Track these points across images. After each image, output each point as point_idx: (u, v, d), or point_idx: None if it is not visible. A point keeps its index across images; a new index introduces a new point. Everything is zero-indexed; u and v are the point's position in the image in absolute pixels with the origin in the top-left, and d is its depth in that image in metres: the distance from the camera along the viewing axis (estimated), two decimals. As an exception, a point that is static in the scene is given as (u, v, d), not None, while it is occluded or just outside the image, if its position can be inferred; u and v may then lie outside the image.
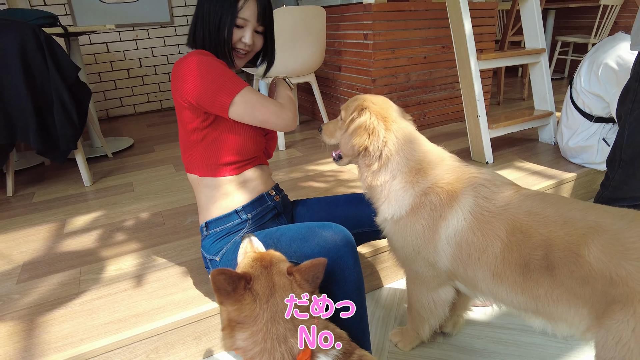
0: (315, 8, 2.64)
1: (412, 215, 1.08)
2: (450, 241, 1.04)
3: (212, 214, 1.21)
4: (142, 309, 1.30)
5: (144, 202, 2.09)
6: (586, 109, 2.11)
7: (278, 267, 0.81)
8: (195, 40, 1.16)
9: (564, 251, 0.86)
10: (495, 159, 2.40)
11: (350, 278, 1.03)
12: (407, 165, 1.09)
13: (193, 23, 1.16)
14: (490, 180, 1.04)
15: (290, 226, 1.12)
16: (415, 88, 2.98)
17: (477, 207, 1.00)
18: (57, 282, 1.47)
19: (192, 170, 1.23)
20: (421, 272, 1.14)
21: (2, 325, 1.26)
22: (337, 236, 1.03)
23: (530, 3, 2.47)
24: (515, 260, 0.93)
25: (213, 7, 1.10)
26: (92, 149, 2.98)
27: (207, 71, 1.07)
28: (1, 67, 2.00)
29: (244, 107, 1.09)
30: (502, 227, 0.95)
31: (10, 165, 2.27)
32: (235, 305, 0.76)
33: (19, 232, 1.85)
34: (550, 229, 0.89)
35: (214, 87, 1.06)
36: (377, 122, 1.09)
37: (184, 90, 1.09)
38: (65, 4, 3.74)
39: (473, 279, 1.03)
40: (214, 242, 1.20)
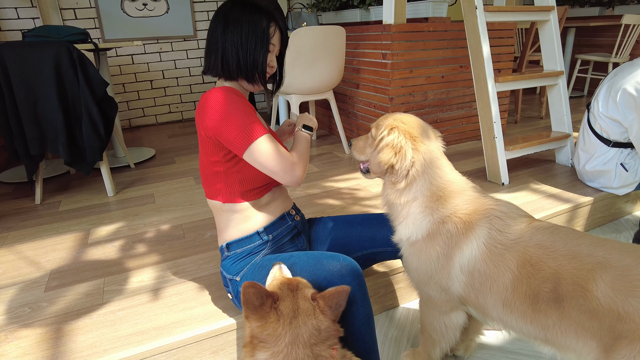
0: (335, 28, 2.71)
1: (428, 241, 1.11)
2: (463, 269, 1.07)
3: (233, 236, 1.25)
4: (162, 322, 1.35)
5: (165, 214, 2.16)
6: (604, 133, 2.11)
7: (304, 292, 0.84)
8: (226, 69, 1.18)
9: (571, 285, 0.89)
10: (511, 180, 2.40)
11: (359, 312, 1.04)
12: (429, 189, 1.12)
13: (219, 54, 1.17)
14: (505, 213, 1.07)
15: (301, 254, 1.15)
16: (432, 107, 3.01)
17: (491, 239, 1.03)
18: (82, 292, 1.53)
19: (213, 197, 1.26)
20: (434, 295, 1.17)
21: (30, 332, 1.33)
22: (344, 269, 1.05)
23: (549, 25, 2.49)
24: (525, 292, 0.96)
25: (244, 37, 1.14)
26: (115, 158, 3.08)
27: (231, 111, 1.11)
28: (37, 83, 2.11)
29: (257, 155, 1.12)
30: (513, 259, 0.99)
31: (40, 175, 2.37)
32: (260, 321, 0.80)
33: (47, 240, 1.93)
34: (559, 262, 0.92)
35: (235, 128, 1.10)
36: (405, 141, 1.11)
37: (207, 124, 1.13)
38: (95, 18, 3.89)
39: (484, 306, 1.06)
40: (234, 263, 1.24)
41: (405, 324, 1.57)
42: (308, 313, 0.81)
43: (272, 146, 1.13)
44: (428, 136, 1.17)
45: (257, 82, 1.21)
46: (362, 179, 2.52)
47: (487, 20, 2.25)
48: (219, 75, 1.22)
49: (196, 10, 4.27)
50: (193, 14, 4.25)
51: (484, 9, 2.23)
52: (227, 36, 1.15)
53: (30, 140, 2.19)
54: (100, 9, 3.88)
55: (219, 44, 1.17)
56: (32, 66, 2.10)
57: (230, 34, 1.15)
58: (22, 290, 1.56)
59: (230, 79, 1.21)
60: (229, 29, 1.14)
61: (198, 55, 4.40)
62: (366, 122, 3.13)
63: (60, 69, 2.13)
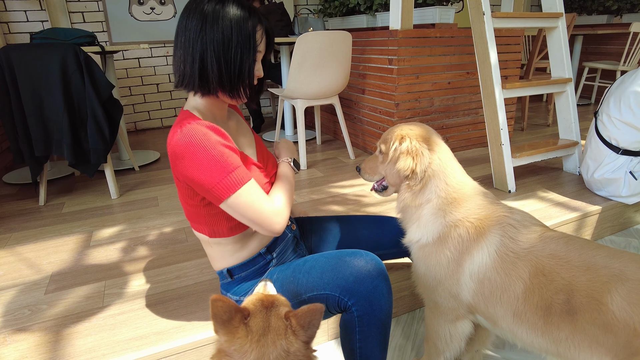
0: (341, 33, 2.70)
1: (439, 245, 1.09)
2: (473, 277, 1.05)
3: (232, 262, 1.16)
4: (163, 327, 1.33)
5: (168, 217, 2.15)
6: (612, 141, 2.08)
7: (278, 310, 0.81)
8: (204, 84, 0.99)
9: (585, 297, 0.86)
10: (518, 187, 2.37)
11: (386, 306, 1.03)
12: (445, 190, 1.11)
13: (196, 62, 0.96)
14: (519, 221, 1.05)
15: (317, 257, 1.10)
16: (439, 113, 2.99)
17: (503, 246, 1.01)
18: (83, 295, 1.52)
19: (199, 230, 1.14)
20: (440, 302, 1.15)
21: (29, 335, 1.31)
22: (370, 265, 1.02)
23: (557, 32, 2.47)
24: (537, 303, 0.93)
25: (229, 45, 0.96)
26: (119, 161, 3.08)
27: (203, 158, 0.94)
28: (44, 85, 2.11)
29: (236, 208, 0.99)
30: (525, 268, 0.96)
31: (44, 176, 2.37)
32: (227, 336, 0.77)
33: (49, 242, 1.92)
34: (573, 273, 0.89)
35: (211, 180, 0.95)
36: (420, 144, 1.11)
37: (180, 170, 0.99)
38: (103, 22, 3.91)
39: (493, 315, 1.04)
40: (239, 285, 1.19)
41: (409, 332, 1.54)
42: (278, 332, 0.77)
43: (253, 195, 0.99)
44: (437, 139, 1.17)
45: (241, 97, 1.03)
46: (366, 185, 2.50)
47: (495, 26, 2.23)
48: (194, 91, 1.02)
49: (203, 14, 4.28)
50: (200, 18, 4.27)
51: (491, 15, 2.21)
52: (205, 37, 0.94)
53: (35, 141, 2.20)
54: (108, 13, 3.91)
55: (195, 49, 0.95)
56: (39, 68, 2.11)
57: (209, 37, 0.94)
58: (22, 292, 1.55)
59: (207, 94, 1.02)
60: (207, 26, 0.94)
61: (204, 60, 4.41)
62: (371, 128, 3.11)
63: (67, 71, 2.13)
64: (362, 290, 1.00)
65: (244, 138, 1.20)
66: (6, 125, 2.20)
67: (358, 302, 1.01)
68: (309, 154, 3.24)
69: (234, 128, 1.19)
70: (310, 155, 3.19)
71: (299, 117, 2.82)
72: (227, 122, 1.17)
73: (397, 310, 1.63)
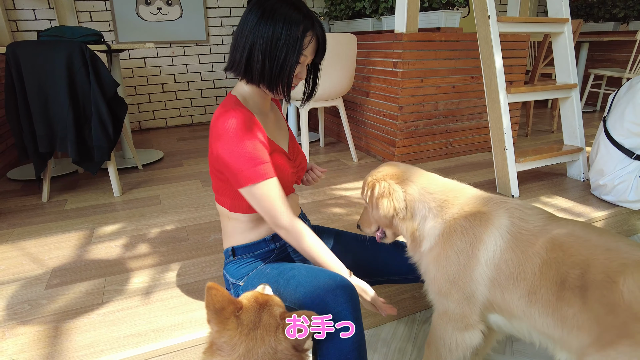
0: (346, 36, 2.70)
1: (445, 243, 1.09)
2: (489, 263, 1.03)
3: (239, 241, 1.22)
4: (162, 324, 1.32)
5: (170, 215, 2.15)
6: (626, 145, 2.06)
7: (271, 308, 0.81)
8: (249, 72, 1.07)
9: (600, 274, 0.87)
10: (522, 192, 2.36)
11: (348, 337, 0.95)
12: (432, 199, 1.12)
13: (245, 51, 1.04)
14: (521, 205, 1.07)
15: (302, 268, 1.11)
16: (443, 117, 2.98)
17: (514, 226, 1.02)
18: (83, 291, 1.52)
19: (221, 203, 1.22)
20: (452, 308, 1.12)
21: (29, 329, 1.31)
22: (339, 289, 0.99)
23: (563, 37, 2.46)
24: (552, 277, 0.94)
25: (277, 43, 1.01)
26: (123, 159, 3.09)
27: (236, 146, 1.03)
28: (49, 81, 2.12)
29: (254, 196, 1.07)
30: (542, 244, 0.97)
31: (48, 173, 2.38)
32: (219, 326, 0.77)
33: (51, 238, 1.93)
34: (592, 251, 0.91)
35: (238, 166, 1.04)
36: (388, 183, 1.16)
37: (214, 148, 1.07)
38: (110, 21, 3.94)
39: (509, 303, 1.02)
40: (239, 267, 1.21)
41: (409, 335, 1.53)
42: (269, 329, 0.78)
43: (271, 192, 1.06)
44: (403, 168, 1.21)
45: (279, 93, 1.10)
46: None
47: (500, 30, 2.23)
48: (240, 77, 1.11)
49: (209, 15, 4.31)
50: (206, 19, 4.29)
51: (497, 19, 2.21)
52: (258, 31, 1.01)
53: (39, 138, 2.21)
54: (116, 12, 3.93)
55: (248, 40, 1.03)
56: (45, 65, 2.12)
57: (261, 31, 1.01)
58: (23, 287, 1.55)
59: (250, 82, 1.10)
60: (262, 25, 1.01)
61: (209, 61, 4.43)
62: (375, 131, 3.11)
63: (72, 68, 2.15)
64: (322, 313, 0.96)
65: (280, 131, 1.26)
66: (11, 121, 2.21)
67: None
68: (312, 155, 3.24)
69: (273, 120, 1.24)
70: (314, 157, 3.19)
71: (303, 119, 2.82)
72: (268, 113, 1.23)
73: (399, 314, 1.62)
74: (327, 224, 2.01)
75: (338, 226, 2.00)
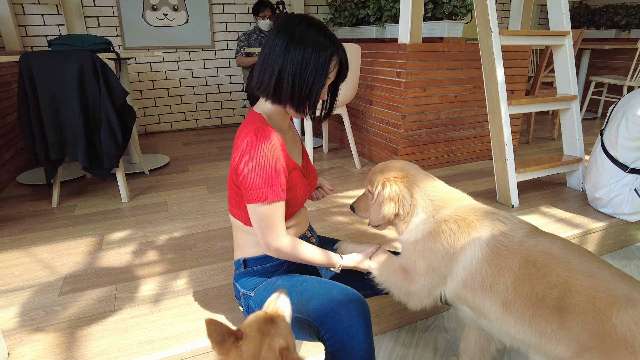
0: (351, 46, 2.75)
1: (432, 241, 1.16)
2: (466, 268, 1.11)
3: (251, 254, 1.26)
4: (172, 332, 1.37)
5: (177, 222, 2.20)
6: (620, 159, 2.10)
7: (273, 340, 0.83)
8: (277, 94, 1.11)
9: (584, 302, 0.91)
10: (521, 202, 2.40)
11: (359, 347, 1.02)
12: (432, 204, 1.20)
13: (274, 74, 1.08)
14: (507, 218, 1.13)
15: (314, 281, 1.16)
16: (445, 125, 3.03)
17: (494, 239, 1.08)
18: (95, 298, 1.57)
19: (236, 216, 1.25)
20: (416, 290, 1.19)
21: (45, 335, 1.36)
22: (352, 303, 1.06)
23: (564, 50, 2.51)
24: (527, 293, 0.99)
25: (306, 67, 1.06)
26: (130, 164, 3.15)
27: (260, 164, 1.08)
28: (61, 90, 2.18)
29: (256, 213, 1.11)
30: (515, 260, 1.03)
31: (58, 179, 2.43)
32: (221, 356, 0.81)
33: (62, 244, 1.98)
34: (571, 274, 0.95)
35: (255, 183, 1.08)
36: (400, 188, 1.22)
37: (237, 161, 1.12)
38: (117, 26, 4.00)
39: (481, 306, 1.09)
40: (250, 278, 1.26)
41: (410, 343, 1.58)
42: None
43: (274, 215, 1.11)
44: (415, 172, 1.26)
45: (305, 113, 1.14)
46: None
47: (502, 43, 2.28)
48: (265, 97, 1.15)
49: (215, 21, 4.36)
50: (212, 25, 4.34)
51: (499, 33, 2.26)
52: (287, 55, 1.06)
53: (51, 145, 2.26)
54: (123, 18, 3.99)
55: (276, 64, 1.07)
56: (57, 74, 2.17)
57: (291, 55, 1.06)
58: (37, 293, 1.60)
59: (277, 103, 1.14)
60: (291, 50, 1.05)
61: (215, 65, 4.48)
62: (378, 138, 3.16)
63: (84, 78, 2.20)
64: (336, 326, 1.03)
65: (296, 148, 1.33)
66: (23, 128, 2.26)
67: (332, 337, 1.03)
68: (315, 162, 3.29)
69: (290, 137, 1.30)
70: (317, 164, 3.24)
71: (307, 125, 2.87)
72: (287, 130, 1.28)
73: (399, 322, 1.67)
74: (331, 232, 2.06)
75: (341, 235, 2.05)
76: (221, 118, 4.69)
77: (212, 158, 3.43)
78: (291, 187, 1.19)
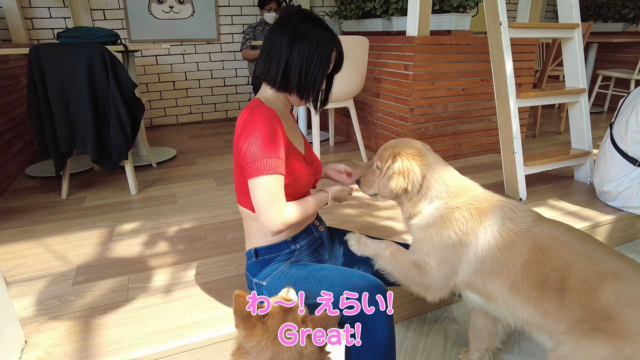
0: (359, 38, 2.74)
1: (443, 227, 1.18)
2: (477, 255, 1.14)
3: (262, 243, 1.28)
4: (186, 321, 1.39)
5: (186, 214, 2.21)
6: (630, 152, 2.10)
7: (295, 314, 0.86)
8: (284, 83, 1.18)
9: (579, 281, 0.99)
10: (529, 195, 2.41)
11: (382, 332, 1.06)
12: (446, 191, 1.22)
13: (281, 66, 1.16)
14: (517, 206, 1.18)
15: (332, 268, 1.19)
16: (452, 118, 3.02)
17: (504, 226, 1.12)
18: (108, 288, 1.59)
19: (244, 205, 1.28)
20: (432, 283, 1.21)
21: (60, 324, 1.38)
22: (373, 289, 1.08)
23: (573, 42, 2.49)
24: (534, 276, 1.05)
25: (310, 55, 1.15)
26: (138, 157, 3.16)
27: (258, 136, 1.11)
28: (70, 83, 2.19)
29: (255, 188, 1.12)
30: (524, 245, 1.08)
31: (67, 171, 2.45)
32: (246, 332, 0.82)
33: (73, 235, 2.00)
34: (572, 257, 1.02)
35: (254, 155, 1.11)
36: (411, 163, 1.22)
37: (237, 140, 1.17)
38: (123, 19, 3.99)
39: (490, 290, 1.14)
40: (262, 268, 1.28)
41: (421, 334, 1.59)
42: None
43: (274, 188, 1.12)
44: (429, 153, 1.27)
45: (308, 100, 1.24)
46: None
47: (511, 36, 2.27)
48: (271, 85, 1.22)
49: (221, 14, 4.35)
50: (217, 17, 4.34)
51: (508, 25, 2.25)
52: (293, 50, 1.14)
53: (60, 137, 2.27)
54: (129, 11, 3.99)
55: (282, 56, 1.15)
56: (66, 67, 2.18)
57: (297, 48, 1.14)
58: (51, 283, 1.62)
59: (283, 91, 1.22)
60: (297, 43, 1.14)
61: (220, 59, 4.48)
62: (385, 132, 3.16)
63: (93, 70, 2.21)
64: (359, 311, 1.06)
65: (297, 137, 1.36)
66: (33, 121, 2.27)
67: (354, 322, 1.06)
68: (322, 155, 3.29)
69: (291, 125, 1.35)
70: (323, 157, 3.24)
71: (314, 119, 2.88)
72: (287, 118, 1.33)
73: (409, 313, 1.68)
74: (340, 224, 2.07)
75: (350, 227, 2.05)
76: (227, 111, 4.69)
77: (218, 151, 3.43)
78: (292, 170, 1.21)
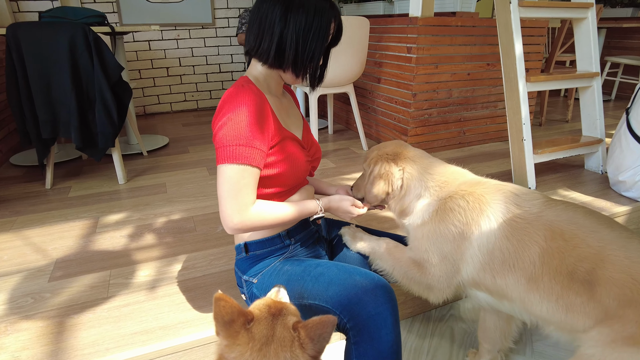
0: (359, 19, 2.60)
1: (439, 221, 1.06)
2: (482, 248, 1.02)
3: (253, 237, 1.15)
4: (169, 321, 1.27)
5: (176, 204, 2.09)
6: None
7: (285, 319, 0.74)
8: (278, 59, 1.05)
9: (620, 273, 0.86)
10: (538, 185, 2.28)
11: (387, 338, 0.93)
12: (431, 179, 1.13)
13: (274, 40, 1.02)
14: (519, 189, 1.06)
15: (330, 265, 1.06)
16: (457, 105, 2.89)
17: (509, 213, 1.00)
18: (87, 284, 1.47)
19: None
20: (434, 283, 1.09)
21: (32, 324, 1.27)
22: (378, 289, 0.95)
23: (586, 23, 2.35)
24: (557, 267, 0.92)
25: (308, 26, 1.01)
26: (128, 145, 3.03)
27: (234, 119, 0.98)
28: (52, 65, 2.05)
29: (221, 176, 0.99)
30: (539, 232, 0.95)
31: (51, 159, 2.32)
32: (228, 340, 0.71)
33: (55, 227, 1.88)
34: (604, 246, 0.89)
35: (225, 140, 0.98)
36: (389, 165, 1.15)
37: (214, 120, 1.04)
38: (113, 2, 3.83)
39: (502, 287, 1.01)
40: (252, 264, 1.15)
41: (425, 332, 1.48)
42: (283, 343, 0.71)
43: (237, 179, 0.97)
44: (408, 149, 1.20)
45: (305, 77, 1.11)
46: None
47: (522, 15, 2.12)
48: (263, 62, 1.08)
49: (215, -3, 4.18)
50: (212, 1, 4.17)
51: (518, 4, 2.10)
52: (288, 21, 1.00)
53: (42, 123, 2.14)
54: (119, -7, 3.82)
55: (275, 28, 1.01)
56: (47, 47, 2.04)
57: (292, 19, 1.00)
58: (26, 278, 1.50)
59: (277, 67, 1.08)
60: (292, 13, 1.00)
61: (215, 44, 4.32)
62: (386, 118, 3.02)
63: (75, 51, 2.07)
64: (362, 314, 0.93)
65: (293, 118, 1.21)
66: (13, 105, 2.14)
67: (356, 326, 0.93)
68: (321, 143, 3.16)
69: (286, 106, 1.20)
70: (322, 145, 3.11)
71: (312, 105, 2.74)
72: (280, 97, 1.19)
73: (413, 311, 1.56)
74: (338, 216, 1.95)
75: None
76: (222, 99, 4.55)
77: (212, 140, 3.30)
78: (286, 157, 1.09)
